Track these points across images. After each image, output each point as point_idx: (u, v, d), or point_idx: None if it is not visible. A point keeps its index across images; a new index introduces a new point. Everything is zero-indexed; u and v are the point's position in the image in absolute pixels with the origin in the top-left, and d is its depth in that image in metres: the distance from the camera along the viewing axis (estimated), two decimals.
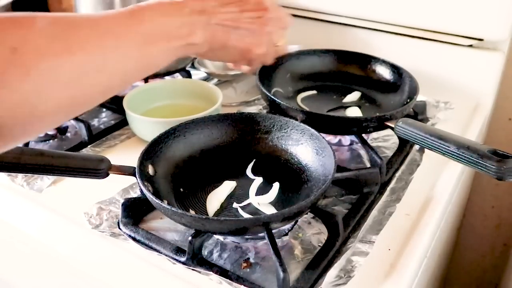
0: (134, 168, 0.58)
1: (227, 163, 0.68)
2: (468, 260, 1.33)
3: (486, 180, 1.17)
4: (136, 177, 0.57)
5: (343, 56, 0.91)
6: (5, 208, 0.67)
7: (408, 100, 0.76)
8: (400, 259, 0.56)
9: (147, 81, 0.90)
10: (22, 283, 0.76)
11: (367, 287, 0.52)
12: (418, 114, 0.84)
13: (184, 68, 0.97)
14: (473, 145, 0.55)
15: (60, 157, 0.57)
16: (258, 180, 0.64)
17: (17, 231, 0.65)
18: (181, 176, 0.65)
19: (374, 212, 0.63)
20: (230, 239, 0.59)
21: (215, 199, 0.61)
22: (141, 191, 0.61)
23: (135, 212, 0.61)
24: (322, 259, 0.55)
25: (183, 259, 0.55)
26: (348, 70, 0.90)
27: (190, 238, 0.54)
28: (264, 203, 0.60)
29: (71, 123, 0.82)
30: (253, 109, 0.89)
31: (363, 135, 0.74)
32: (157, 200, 0.53)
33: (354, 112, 0.81)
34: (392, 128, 0.66)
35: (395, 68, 0.85)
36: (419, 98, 0.81)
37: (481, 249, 1.30)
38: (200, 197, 0.62)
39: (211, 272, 0.53)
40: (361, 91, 0.88)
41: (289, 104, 0.73)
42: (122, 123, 0.84)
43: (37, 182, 0.69)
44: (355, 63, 0.90)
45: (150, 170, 0.61)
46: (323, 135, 0.64)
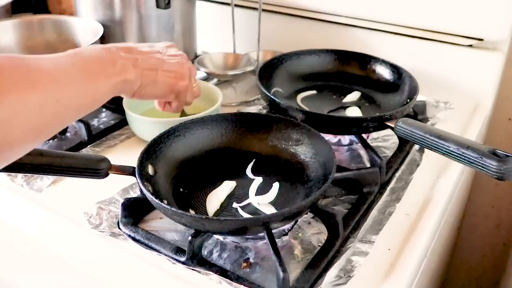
0: (134, 168, 0.58)
1: (227, 163, 0.68)
2: (468, 260, 1.33)
3: (486, 180, 1.17)
4: (136, 177, 0.57)
5: (343, 56, 0.91)
6: (5, 208, 0.67)
7: (408, 100, 0.76)
8: (400, 259, 0.56)
9: None
10: (22, 283, 0.76)
11: (367, 287, 0.52)
12: (418, 114, 0.84)
13: None
14: (473, 145, 0.55)
15: (60, 157, 0.57)
16: (258, 180, 0.64)
17: (17, 231, 0.65)
18: (181, 176, 0.65)
19: (374, 212, 0.63)
20: (230, 239, 0.59)
21: (215, 199, 0.61)
22: (141, 191, 0.61)
23: (135, 212, 0.61)
24: (322, 259, 0.55)
25: (183, 259, 0.55)
26: (348, 70, 0.90)
27: (190, 238, 0.54)
28: (264, 203, 0.60)
29: (71, 123, 0.82)
30: (253, 109, 0.89)
31: (363, 135, 0.74)
32: (157, 200, 0.53)
33: (354, 112, 0.81)
34: (392, 128, 0.66)
35: (395, 68, 0.85)
36: (419, 98, 0.81)
37: (481, 249, 1.30)
38: (200, 197, 0.62)
39: (211, 272, 0.53)
40: (361, 91, 0.88)
41: (289, 104, 0.73)
42: (122, 123, 0.84)
43: (36, 182, 0.69)
44: (355, 63, 0.90)
45: (150, 170, 0.61)
46: (323, 135, 0.65)
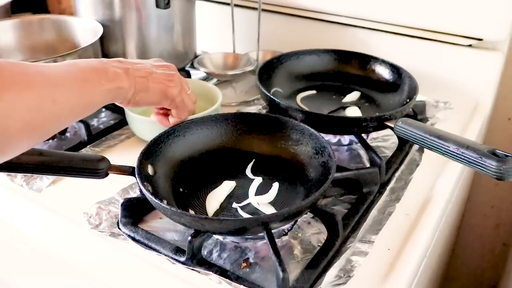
0: (134, 168, 0.58)
1: (226, 163, 0.68)
2: (467, 260, 1.33)
3: (485, 180, 1.17)
4: (135, 177, 0.57)
5: (343, 56, 0.91)
6: (4, 208, 0.67)
7: (408, 100, 0.76)
8: (400, 259, 0.56)
9: None
10: (22, 283, 0.76)
11: (367, 287, 0.52)
12: (418, 114, 0.84)
13: (183, 68, 0.97)
14: (472, 145, 0.55)
15: (60, 157, 0.57)
16: (258, 180, 0.64)
17: (16, 231, 0.65)
18: (180, 176, 0.65)
19: (373, 212, 0.63)
20: (229, 239, 0.59)
21: (214, 199, 0.61)
22: (140, 191, 0.61)
23: (134, 212, 0.61)
24: (321, 259, 0.55)
25: (182, 259, 0.55)
26: (348, 70, 0.90)
27: (189, 238, 0.54)
28: (263, 203, 0.60)
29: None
30: (252, 109, 0.89)
31: (363, 135, 0.74)
32: (156, 200, 0.53)
33: (354, 112, 0.81)
34: (391, 128, 0.66)
35: (394, 68, 0.85)
36: (419, 98, 0.81)
37: (480, 249, 1.30)
38: (199, 197, 0.62)
39: (210, 272, 0.53)
40: (360, 91, 0.88)
41: (288, 104, 0.73)
42: (122, 123, 0.84)
43: (36, 182, 0.69)
44: (354, 63, 0.90)
45: (150, 170, 0.61)
46: (322, 135, 0.65)
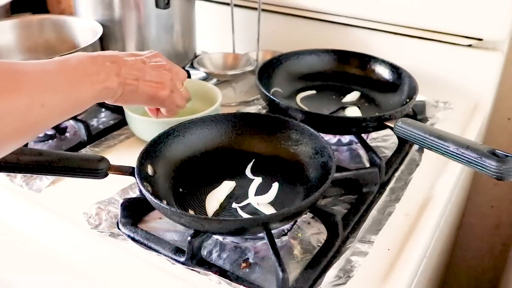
0: (133, 168, 0.58)
1: (226, 163, 0.68)
2: (467, 260, 1.33)
3: (485, 180, 1.17)
4: (135, 177, 0.57)
5: (343, 56, 0.91)
6: (4, 208, 0.67)
7: (408, 100, 0.76)
8: (400, 259, 0.56)
9: None
10: (21, 283, 0.76)
11: (367, 287, 0.52)
12: (418, 114, 0.84)
13: (183, 68, 0.97)
14: (472, 145, 0.55)
15: (59, 157, 0.57)
16: (258, 180, 0.64)
17: (16, 231, 0.64)
18: (180, 176, 0.65)
19: (373, 212, 0.63)
20: (229, 239, 0.59)
21: (214, 199, 0.61)
22: (140, 191, 0.61)
23: (134, 212, 0.61)
24: (321, 259, 0.55)
25: (182, 259, 0.55)
26: (348, 70, 0.90)
27: (189, 238, 0.54)
28: (263, 203, 0.60)
29: (70, 123, 0.82)
30: (252, 109, 0.89)
31: (363, 135, 0.74)
32: (156, 200, 0.53)
33: (354, 112, 0.81)
34: (391, 128, 0.66)
35: (394, 68, 0.85)
36: (418, 98, 0.81)
37: (480, 249, 1.30)
38: (199, 197, 0.62)
39: (210, 272, 0.53)
40: (360, 91, 0.88)
41: (288, 104, 0.73)
42: (121, 123, 0.84)
43: (36, 182, 0.69)
44: (354, 63, 0.90)
45: (149, 170, 0.61)
46: (322, 135, 0.65)
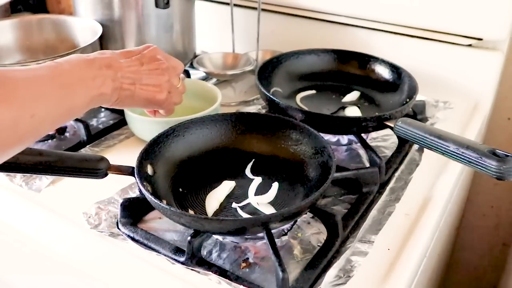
0: (133, 168, 0.58)
1: (226, 163, 0.68)
2: (467, 260, 1.33)
3: (485, 179, 1.17)
4: (135, 177, 0.57)
5: (342, 56, 0.91)
6: (3, 208, 0.67)
7: (408, 100, 0.76)
8: (400, 259, 0.56)
9: None
10: (21, 283, 0.76)
11: (367, 287, 0.52)
12: (417, 113, 0.84)
13: None
14: (472, 144, 0.55)
15: (59, 157, 0.57)
16: (257, 180, 0.64)
17: (16, 231, 0.64)
18: (180, 176, 0.65)
19: (373, 212, 0.63)
20: (229, 239, 0.59)
21: (214, 199, 0.61)
22: (140, 191, 0.61)
23: (134, 212, 0.61)
24: (321, 259, 0.55)
25: (182, 259, 0.55)
26: (348, 70, 0.90)
27: (189, 238, 0.54)
28: (263, 203, 0.60)
29: (70, 123, 0.82)
30: (252, 108, 0.89)
31: (362, 134, 0.74)
32: (156, 200, 0.53)
33: (353, 111, 0.81)
34: (391, 128, 0.66)
35: (394, 68, 0.85)
36: (418, 97, 0.81)
37: (480, 248, 1.30)
38: (199, 197, 0.62)
39: (210, 272, 0.53)
40: (360, 91, 0.88)
41: (288, 103, 0.73)
42: (121, 123, 0.84)
43: (35, 182, 0.69)
44: (354, 63, 0.90)
45: (149, 170, 0.61)
46: (322, 134, 0.64)
